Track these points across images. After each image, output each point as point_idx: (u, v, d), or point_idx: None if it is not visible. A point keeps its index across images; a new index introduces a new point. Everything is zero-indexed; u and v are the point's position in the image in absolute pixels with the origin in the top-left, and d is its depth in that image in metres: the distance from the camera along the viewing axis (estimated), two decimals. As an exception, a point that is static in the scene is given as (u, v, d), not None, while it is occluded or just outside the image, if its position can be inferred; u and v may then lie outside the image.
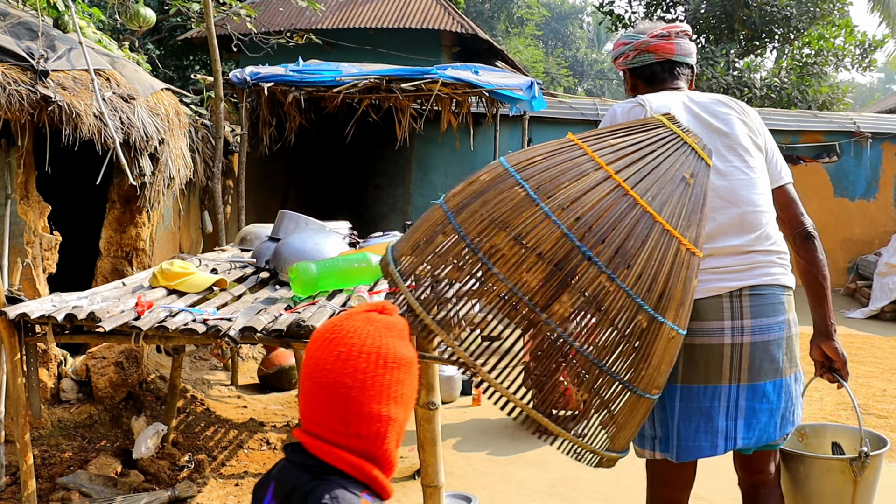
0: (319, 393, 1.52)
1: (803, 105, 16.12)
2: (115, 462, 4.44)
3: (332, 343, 1.53)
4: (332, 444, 1.52)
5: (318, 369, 1.53)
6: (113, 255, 5.95)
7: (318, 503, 1.48)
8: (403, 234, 2.35)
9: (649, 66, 2.77)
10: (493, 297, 2.00)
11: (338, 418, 1.51)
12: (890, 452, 5.19)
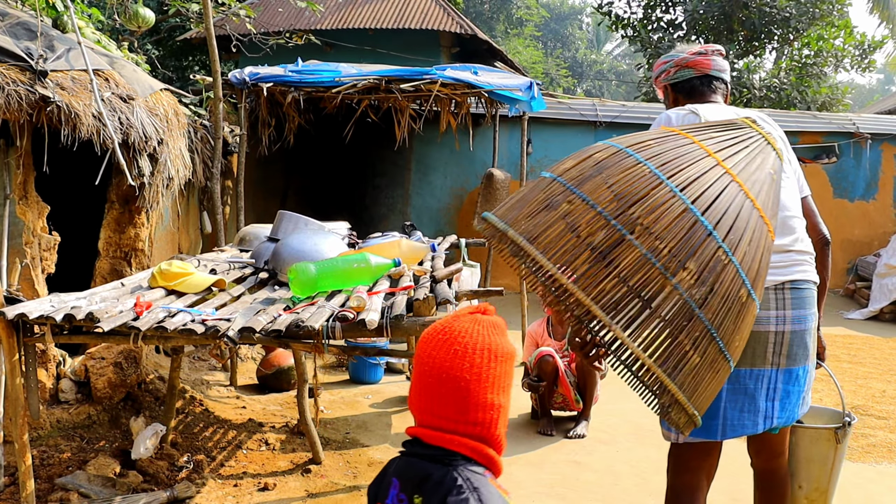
0: (440, 388, 1.73)
1: (802, 106, 16.11)
2: (114, 462, 4.44)
3: (448, 342, 1.74)
4: (452, 432, 1.72)
5: (436, 367, 1.73)
6: (112, 255, 5.94)
7: (454, 485, 1.67)
8: (510, 203, 2.37)
9: (689, 80, 3.05)
10: (627, 262, 2.12)
11: (457, 409, 1.71)
12: (891, 453, 5.20)
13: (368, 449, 5.21)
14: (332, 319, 2.97)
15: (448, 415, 1.73)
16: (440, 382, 1.73)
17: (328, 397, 6.39)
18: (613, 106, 11.88)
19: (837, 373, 7.43)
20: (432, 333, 1.78)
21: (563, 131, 11.51)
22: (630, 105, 12.05)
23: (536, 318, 6.39)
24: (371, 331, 2.91)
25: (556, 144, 11.49)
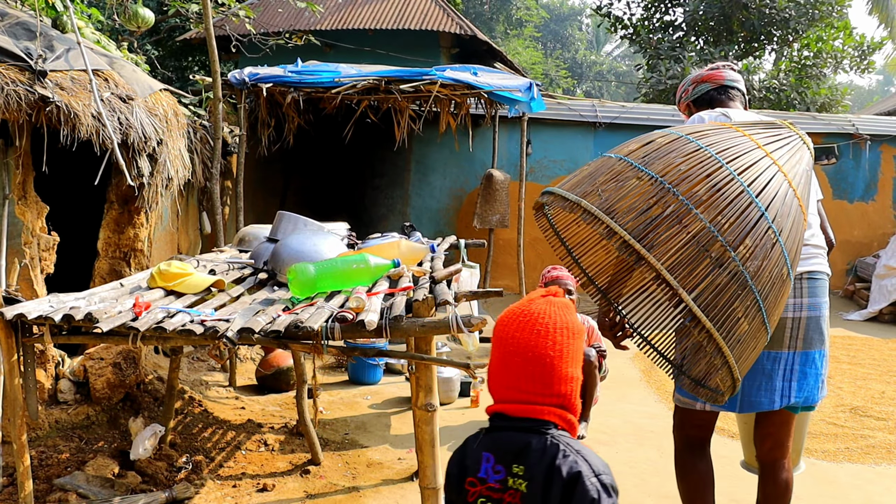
0: (526, 365, 1.91)
1: (802, 107, 16.12)
2: (113, 463, 4.44)
3: (530, 324, 1.93)
4: (541, 404, 1.90)
5: (522, 346, 1.92)
6: (111, 255, 5.94)
7: (557, 450, 1.86)
8: (575, 179, 2.63)
9: (707, 92, 3.38)
10: (691, 233, 2.32)
11: (543, 383, 1.90)
12: (890, 454, 5.20)
13: (367, 450, 5.21)
14: (331, 320, 2.96)
15: (535, 389, 1.90)
16: (527, 361, 1.91)
17: (327, 398, 6.39)
18: (613, 107, 11.88)
19: (837, 373, 7.43)
20: (513, 317, 1.97)
21: (563, 132, 11.51)
22: (629, 106, 12.05)
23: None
24: (370, 332, 2.90)
25: (556, 145, 11.49)
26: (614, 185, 2.44)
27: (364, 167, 12.02)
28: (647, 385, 7.02)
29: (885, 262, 10.84)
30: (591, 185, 2.48)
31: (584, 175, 2.58)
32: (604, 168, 2.55)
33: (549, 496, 1.83)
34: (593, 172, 2.56)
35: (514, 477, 1.88)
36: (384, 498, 4.41)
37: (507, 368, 1.94)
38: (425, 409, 3.16)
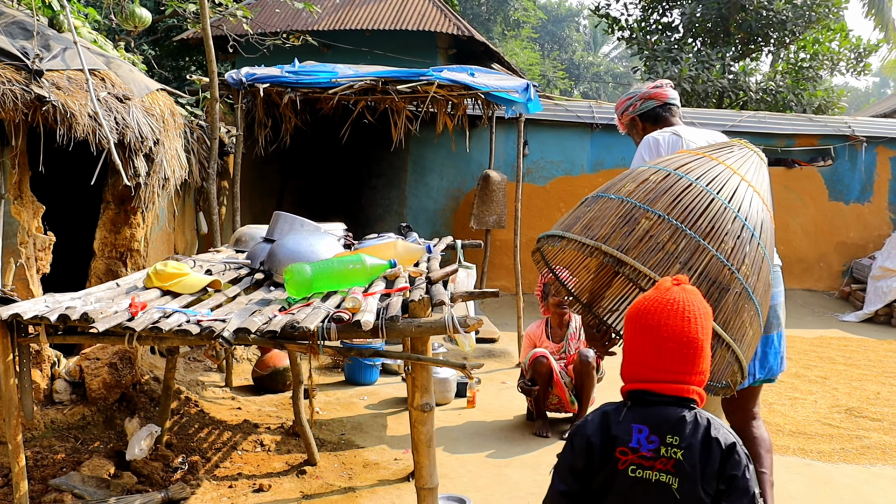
0: (681, 349, 2.14)
1: (798, 109, 16.14)
2: (109, 464, 4.43)
3: (679, 312, 2.16)
4: (686, 383, 2.15)
5: (675, 332, 2.14)
6: (107, 255, 5.93)
7: (708, 423, 2.12)
8: (569, 219, 2.88)
9: (653, 109, 3.75)
10: (705, 264, 2.60)
11: (692, 363, 2.15)
12: (885, 454, 5.21)
13: (363, 450, 5.21)
14: (327, 320, 2.96)
15: (685, 369, 2.15)
16: (681, 345, 2.14)
17: (323, 398, 6.39)
18: (610, 108, 11.88)
19: (833, 374, 7.45)
20: (658, 306, 2.18)
21: (560, 133, 11.52)
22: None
23: (533, 319, 6.40)
24: (366, 332, 2.90)
25: (553, 146, 11.50)
26: (627, 228, 2.66)
27: (361, 168, 12.01)
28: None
29: (881, 263, 10.86)
30: (601, 228, 2.69)
31: (590, 218, 2.77)
32: (608, 209, 2.75)
33: (706, 462, 2.09)
34: (598, 215, 2.75)
35: (668, 446, 2.11)
36: (380, 498, 4.42)
37: (658, 353, 2.16)
38: (421, 410, 3.16)
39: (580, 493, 2.21)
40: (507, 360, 7.91)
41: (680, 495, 2.08)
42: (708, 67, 16.12)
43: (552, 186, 11.52)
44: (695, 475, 2.08)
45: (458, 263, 5.58)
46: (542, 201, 11.46)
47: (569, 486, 2.22)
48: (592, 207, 2.82)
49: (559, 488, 2.24)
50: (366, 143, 11.00)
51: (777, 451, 5.30)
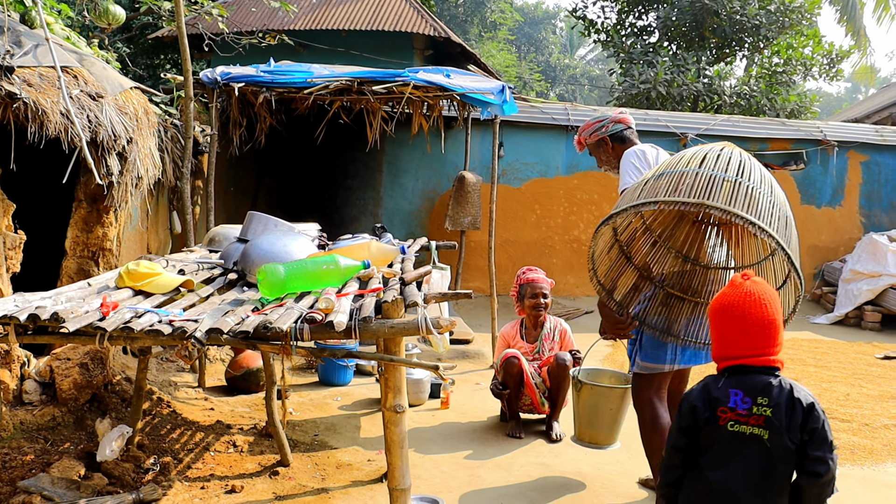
0: (763, 330, 2.67)
1: (772, 113, 16.29)
2: (79, 465, 4.39)
3: (758, 301, 2.68)
4: (769, 356, 2.68)
5: (757, 316, 2.67)
6: (79, 254, 5.88)
7: (791, 386, 2.65)
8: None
9: (621, 131, 4.38)
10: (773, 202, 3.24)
11: (773, 339, 2.69)
12: (854, 455, 5.26)
13: (337, 451, 5.20)
14: (300, 321, 2.95)
15: (768, 344, 2.68)
16: (762, 326, 2.67)
17: (297, 399, 6.37)
18: (585, 110, 11.94)
19: (804, 376, 7.52)
20: (739, 298, 2.70)
21: (535, 135, 11.56)
22: (602, 110, 12.11)
23: (507, 320, 6.41)
24: (339, 333, 2.90)
25: (528, 148, 11.53)
26: (715, 188, 3.19)
27: (336, 168, 11.99)
28: (616, 387, 7.06)
29: (852, 266, 10.98)
30: (692, 190, 3.21)
31: (687, 184, 3.23)
32: (688, 179, 3.25)
33: (791, 418, 2.59)
34: (685, 183, 3.24)
35: (759, 406, 2.62)
36: (353, 499, 4.41)
37: (746, 336, 2.69)
38: (394, 411, 3.16)
39: (688, 446, 2.76)
40: (481, 362, 7.92)
41: (770, 444, 2.60)
42: (683, 71, 16.24)
43: (527, 188, 11.56)
44: (782, 428, 2.59)
45: (433, 264, 5.58)
46: (517, 203, 11.50)
47: (679, 442, 2.78)
48: (666, 181, 3.30)
49: (672, 444, 2.82)
50: (341, 143, 10.99)
51: (748, 453, 5.34)
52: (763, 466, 2.63)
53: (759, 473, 2.63)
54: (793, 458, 2.62)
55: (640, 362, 4.07)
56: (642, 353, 4.06)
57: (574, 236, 11.68)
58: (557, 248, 11.65)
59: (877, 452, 5.38)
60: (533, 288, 5.80)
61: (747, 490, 2.63)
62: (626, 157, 4.14)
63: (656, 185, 3.34)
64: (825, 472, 2.62)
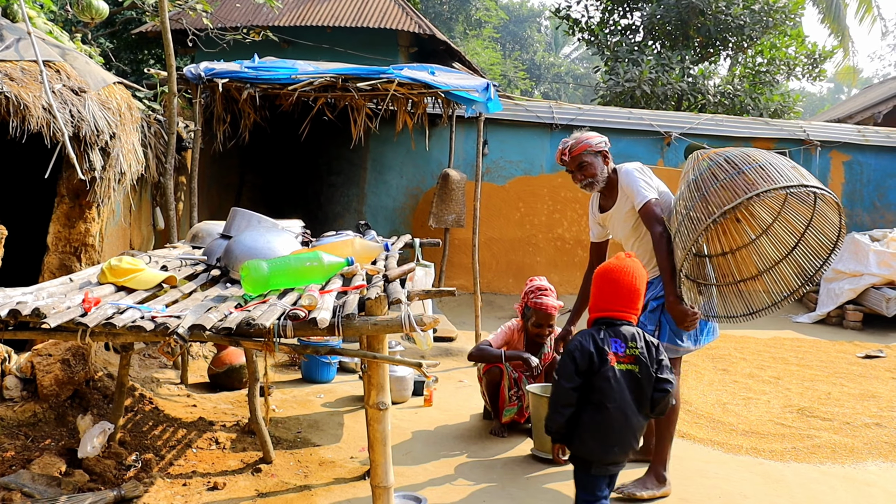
0: (630, 293, 3.70)
1: (755, 112, 16.36)
2: (60, 461, 4.37)
3: (628, 271, 3.71)
4: (632, 313, 3.72)
5: (628, 283, 3.70)
6: (61, 250, 5.85)
7: (641, 332, 3.72)
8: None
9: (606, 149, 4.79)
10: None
11: (636, 302, 3.73)
12: (834, 453, 5.30)
13: (320, 448, 5.19)
14: (283, 318, 2.95)
15: (631, 305, 3.72)
16: (630, 290, 3.71)
17: (280, 396, 6.36)
18: (570, 109, 11.96)
19: (786, 374, 7.57)
20: (619, 268, 3.74)
21: (519, 133, 11.57)
22: (586, 108, 12.15)
23: (490, 318, 6.42)
24: (322, 329, 2.90)
25: (512, 146, 11.54)
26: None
27: (320, 165, 11.97)
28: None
29: (834, 265, 11.05)
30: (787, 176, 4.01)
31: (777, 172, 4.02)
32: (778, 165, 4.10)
33: (651, 354, 3.66)
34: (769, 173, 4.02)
35: (631, 349, 3.63)
36: (336, 496, 4.40)
37: (618, 295, 3.70)
38: (377, 408, 3.16)
39: (580, 387, 3.59)
40: (465, 359, 7.92)
41: (640, 375, 3.63)
42: (667, 70, 16.29)
43: (511, 186, 11.57)
44: (647, 362, 3.63)
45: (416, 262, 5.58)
46: (501, 200, 11.51)
47: (576, 383, 3.58)
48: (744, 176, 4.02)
49: (567, 386, 3.58)
50: (325, 140, 10.97)
51: (730, 451, 5.38)
52: (638, 391, 3.63)
53: (636, 397, 3.63)
54: (652, 381, 3.64)
55: (669, 346, 4.42)
56: (669, 338, 4.47)
57: (558, 234, 11.70)
58: (541, 245, 11.67)
59: (857, 451, 5.42)
60: (540, 317, 5.56)
61: (632, 411, 3.62)
62: (629, 175, 4.60)
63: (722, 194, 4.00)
64: (671, 388, 3.67)
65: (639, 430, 3.70)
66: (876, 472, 5.06)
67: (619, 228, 4.82)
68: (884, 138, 12.58)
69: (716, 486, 4.66)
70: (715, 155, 4.22)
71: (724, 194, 3.95)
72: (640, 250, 4.69)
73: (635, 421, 3.63)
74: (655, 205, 4.47)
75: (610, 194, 4.77)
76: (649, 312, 4.51)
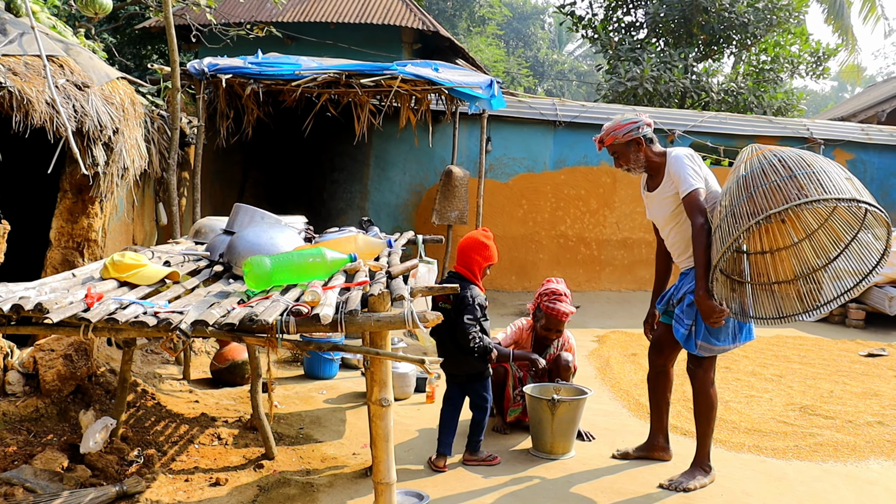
0: (470, 255, 4.87)
1: (759, 110, 16.34)
2: (62, 457, 4.37)
3: (476, 240, 4.89)
4: (472, 273, 4.90)
5: (467, 248, 4.88)
6: (64, 245, 5.85)
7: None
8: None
9: (650, 133, 4.67)
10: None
11: (475, 264, 4.88)
12: (837, 451, 5.29)
13: (322, 444, 5.19)
14: (286, 314, 2.94)
15: (469, 266, 4.84)
16: (470, 252, 4.85)
17: (282, 392, 6.36)
18: (573, 106, 11.94)
19: (788, 373, 7.56)
20: (472, 238, 4.88)
21: (523, 130, 11.55)
22: (590, 105, 12.13)
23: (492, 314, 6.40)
24: (325, 326, 2.89)
25: (516, 143, 11.53)
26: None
27: (323, 161, 11.96)
28: (602, 383, 7.08)
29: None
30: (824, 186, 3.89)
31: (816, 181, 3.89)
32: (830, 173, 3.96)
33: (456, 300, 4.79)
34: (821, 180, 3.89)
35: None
36: (338, 493, 4.40)
37: (465, 257, 4.86)
38: (380, 404, 3.16)
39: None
40: (468, 356, 7.91)
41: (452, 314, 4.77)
42: (670, 68, 16.26)
43: (514, 183, 11.56)
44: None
45: (419, 258, 5.57)
46: (504, 198, 11.50)
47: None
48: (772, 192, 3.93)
49: (477, 325, 4.79)
50: (328, 136, 10.96)
51: (732, 448, 5.37)
52: (451, 325, 4.73)
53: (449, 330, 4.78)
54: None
55: (704, 345, 4.47)
56: (713, 338, 4.45)
57: (561, 231, 11.69)
58: (544, 243, 11.66)
59: (860, 449, 5.41)
60: (551, 322, 5.52)
61: (450, 339, 4.84)
62: (679, 161, 4.51)
63: (757, 202, 3.94)
64: (467, 327, 4.72)
65: (458, 356, 4.82)
66: (878, 470, 5.05)
67: (658, 211, 4.75)
68: (887, 137, 12.56)
69: (718, 483, 4.66)
70: (770, 153, 4.10)
71: (773, 196, 3.87)
72: (676, 238, 4.68)
73: (450, 346, 4.84)
74: (700, 195, 4.42)
75: (656, 177, 4.70)
76: (687, 307, 4.50)
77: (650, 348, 5.00)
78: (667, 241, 4.82)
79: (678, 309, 4.59)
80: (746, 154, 4.26)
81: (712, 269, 4.15)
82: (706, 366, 4.59)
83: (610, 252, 11.80)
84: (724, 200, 4.17)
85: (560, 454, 5.09)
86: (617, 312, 10.56)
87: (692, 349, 4.52)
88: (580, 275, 11.69)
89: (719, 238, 4.10)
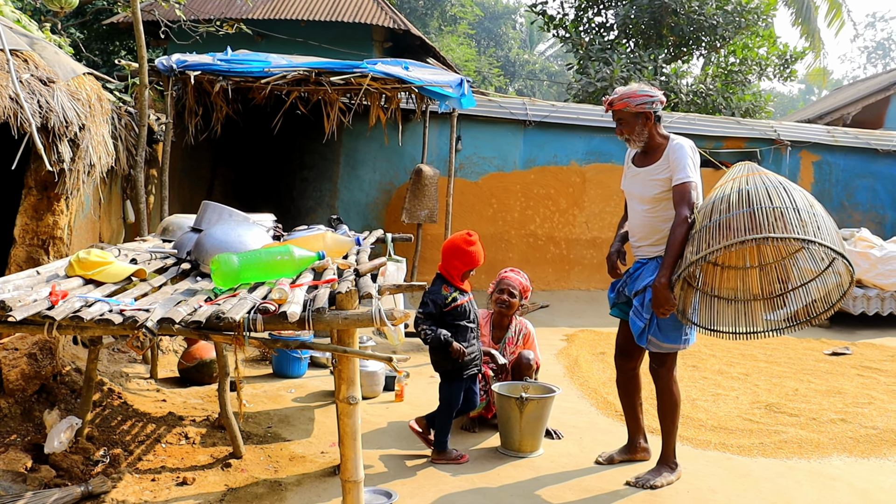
0: (448, 259, 4.99)
1: (727, 112, 16.48)
2: (25, 457, 4.32)
3: (454, 245, 4.99)
4: (452, 276, 5.01)
5: (446, 252, 5.00)
6: (28, 242, 5.77)
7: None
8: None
9: (660, 110, 4.66)
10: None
11: (452, 268, 5.00)
12: (801, 448, 5.35)
13: (290, 443, 5.18)
14: (253, 311, 2.93)
15: (449, 269, 4.99)
16: (452, 255, 4.97)
17: (250, 391, 6.33)
18: (543, 106, 11.98)
19: (754, 371, 7.64)
20: (452, 242, 5.01)
21: (493, 129, 11.57)
22: (560, 105, 12.18)
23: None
24: (292, 323, 2.89)
25: (486, 142, 11.55)
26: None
27: (293, 159, 11.91)
28: (570, 381, 7.12)
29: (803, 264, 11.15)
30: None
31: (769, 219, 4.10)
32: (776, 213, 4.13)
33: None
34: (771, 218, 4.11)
35: (463, 294, 5.06)
36: (306, 491, 4.39)
37: (451, 257, 4.96)
38: (347, 402, 3.16)
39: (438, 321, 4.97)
40: (437, 355, 7.92)
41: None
42: (640, 69, 16.35)
43: (484, 182, 11.58)
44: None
45: (388, 256, 5.58)
46: (473, 197, 11.52)
47: (434, 320, 4.95)
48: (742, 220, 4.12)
49: (429, 319, 4.96)
50: (298, 134, 10.92)
51: (699, 446, 5.42)
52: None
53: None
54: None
55: (654, 340, 4.56)
56: (662, 335, 4.54)
57: (530, 231, 11.73)
58: (514, 242, 11.69)
59: (823, 446, 5.48)
60: (500, 283, 5.76)
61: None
62: (682, 149, 4.53)
63: (731, 225, 4.12)
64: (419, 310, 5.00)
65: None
66: (840, 466, 5.12)
67: (640, 189, 4.72)
68: (852, 139, 12.73)
69: (684, 480, 4.70)
70: (761, 179, 4.25)
71: (750, 224, 4.07)
72: (646, 222, 4.71)
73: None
74: (693, 189, 4.46)
75: (651, 155, 4.69)
76: (648, 301, 4.50)
77: (616, 353, 5.05)
78: (632, 220, 4.84)
79: (637, 301, 4.62)
80: (740, 172, 4.41)
81: (683, 266, 4.21)
82: (668, 364, 4.67)
83: (579, 251, 11.85)
84: (707, 209, 4.27)
85: (528, 452, 5.11)
86: (586, 311, 10.61)
87: (643, 343, 4.61)
88: (549, 274, 11.73)
89: (693, 244, 4.25)
